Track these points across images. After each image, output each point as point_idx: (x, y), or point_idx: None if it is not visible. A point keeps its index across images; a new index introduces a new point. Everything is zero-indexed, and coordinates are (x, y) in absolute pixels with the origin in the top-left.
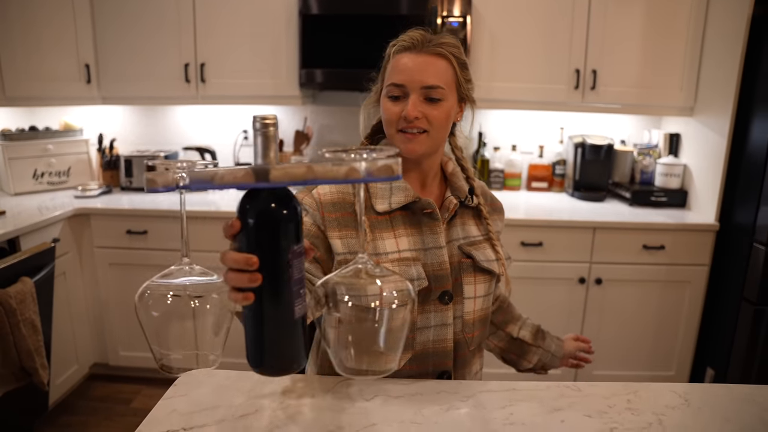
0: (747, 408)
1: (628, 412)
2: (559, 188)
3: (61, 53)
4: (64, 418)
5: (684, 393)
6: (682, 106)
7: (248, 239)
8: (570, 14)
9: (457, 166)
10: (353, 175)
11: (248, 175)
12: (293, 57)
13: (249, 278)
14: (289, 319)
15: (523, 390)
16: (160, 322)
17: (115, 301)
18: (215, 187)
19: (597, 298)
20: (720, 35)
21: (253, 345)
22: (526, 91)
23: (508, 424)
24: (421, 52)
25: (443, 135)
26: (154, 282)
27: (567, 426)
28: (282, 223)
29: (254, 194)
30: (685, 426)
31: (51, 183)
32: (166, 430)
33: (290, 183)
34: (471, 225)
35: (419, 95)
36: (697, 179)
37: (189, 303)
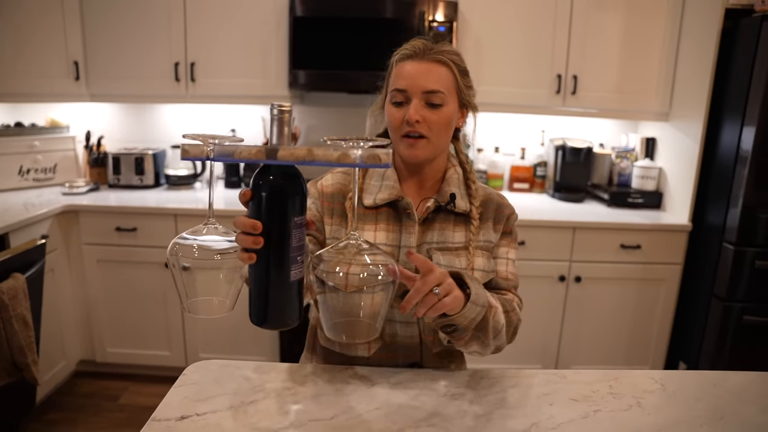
0: (715, 391)
1: (610, 396)
2: (540, 189)
3: (50, 50)
4: (51, 415)
5: (660, 379)
6: (658, 112)
7: (256, 207)
8: (552, 21)
9: (457, 173)
10: (345, 159)
11: (260, 153)
12: (283, 58)
13: (253, 240)
14: (285, 281)
15: (512, 377)
16: (186, 272)
17: (103, 297)
18: (235, 161)
19: (576, 296)
20: (693, 46)
21: (255, 301)
22: (510, 95)
23: (501, 407)
24: (422, 59)
25: (444, 140)
26: (183, 237)
27: (555, 409)
28: (285, 195)
29: (266, 169)
30: (661, 407)
31: (37, 180)
32: (180, 416)
33: (294, 162)
34: (452, 231)
35: (420, 100)
36: (671, 182)
37: (212, 256)
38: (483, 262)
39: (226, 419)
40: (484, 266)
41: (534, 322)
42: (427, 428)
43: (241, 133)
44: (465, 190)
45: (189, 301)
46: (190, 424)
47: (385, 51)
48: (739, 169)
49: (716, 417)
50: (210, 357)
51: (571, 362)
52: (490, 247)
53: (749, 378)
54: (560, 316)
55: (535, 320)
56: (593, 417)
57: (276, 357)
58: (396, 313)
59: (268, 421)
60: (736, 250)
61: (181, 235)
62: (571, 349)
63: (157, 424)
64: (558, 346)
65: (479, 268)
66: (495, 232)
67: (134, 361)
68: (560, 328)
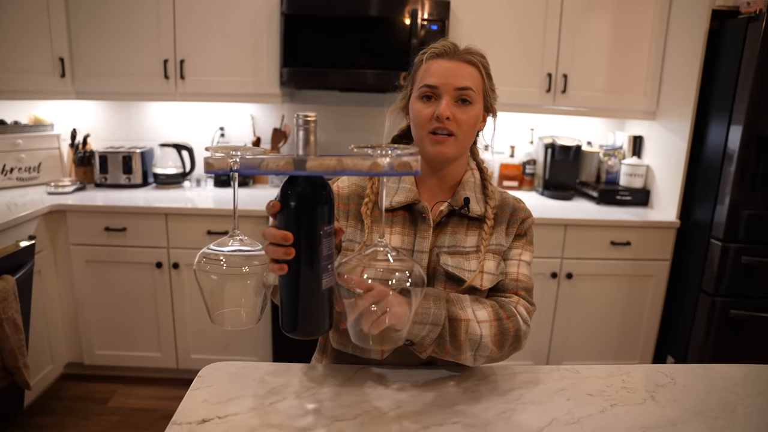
0: (724, 384)
1: (624, 390)
2: (529, 187)
3: (35, 46)
4: (39, 420)
5: (669, 373)
6: (646, 110)
7: (286, 218)
8: (543, 20)
9: (474, 177)
10: (376, 168)
11: (288, 164)
12: (273, 55)
13: (284, 252)
14: (317, 290)
15: (526, 373)
16: (214, 283)
17: (92, 299)
18: (262, 173)
19: (568, 292)
20: (681, 46)
21: (286, 310)
22: (501, 94)
23: (521, 403)
24: (453, 58)
25: (469, 141)
26: (210, 249)
27: (573, 404)
28: (314, 206)
29: (293, 180)
30: (674, 400)
31: (21, 179)
32: (202, 419)
33: (323, 173)
34: (465, 234)
35: (452, 96)
36: (659, 179)
37: (239, 268)
38: (493, 266)
39: (250, 420)
40: (494, 270)
41: None
42: (451, 426)
43: (230, 131)
44: (481, 193)
45: (216, 313)
46: (213, 427)
47: (377, 49)
48: (726, 166)
49: (728, 410)
50: (202, 358)
51: (563, 358)
52: (501, 250)
53: (755, 371)
54: (552, 312)
55: None
56: (610, 411)
57: (269, 357)
58: None
59: (293, 421)
60: (723, 246)
61: (208, 246)
62: (563, 345)
63: (179, 428)
64: (549, 342)
65: (489, 271)
66: (507, 236)
67: (123, 363)
68: (551, 324)
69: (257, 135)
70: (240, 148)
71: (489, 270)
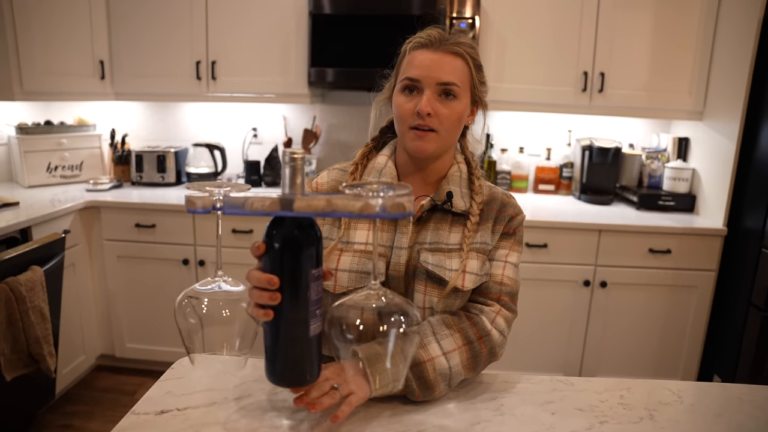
0: (739, 406)
1: (620, 406)
2: (566, 191)
3: (77, 49)
4: (70, 408)
5: (678, 390)
6: (691, 110)
7: (272, 261)
8: (578, 16)
9: (460, 170)
10: (368, 210)
11: (275, 204)
12: (302, 56)
13: (269, 296)
14: (304, 337)
15: (515, 383)
16: (195, 326)
17: (123, 293)
18: (246, 213)
19: (601, 302)
20: (730, 39)
21: (271, 357)
22: (534, 93)
23: (499, 414)
24: (438, 49)
25: (453, 137)
26: (191, 290)
27: (557, 418)
28: (302, 248)
29: (280, 220)
30: (676, 421)
31: (64, 176)
32: (161, 410)
33: (311, 214)
34: (448, 231)
35: (434, 91)
36: (705, 184)
37: (221, 311)
38: (476, 265)
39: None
40: (477, 269)
41: (556, 329)
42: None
43: (263, 132)
44: (467, 188)
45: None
46: (169, 419)
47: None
48: None
49: None
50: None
51: (596, 373)
52: (486, 249)
53: None
54: (584, 323)
55: (558, 327)
56: (598, 429)
57: None
58: None
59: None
60: None
61: (191, 288)
62: (596, 359)
63: (135, 417)
64: (582, 355)
65: (471, 271)
66: (493, 234)
67: (152, 357)
68: (584, 336)
69: (289, 136)
70: (224, 184)
71: (472, 270)
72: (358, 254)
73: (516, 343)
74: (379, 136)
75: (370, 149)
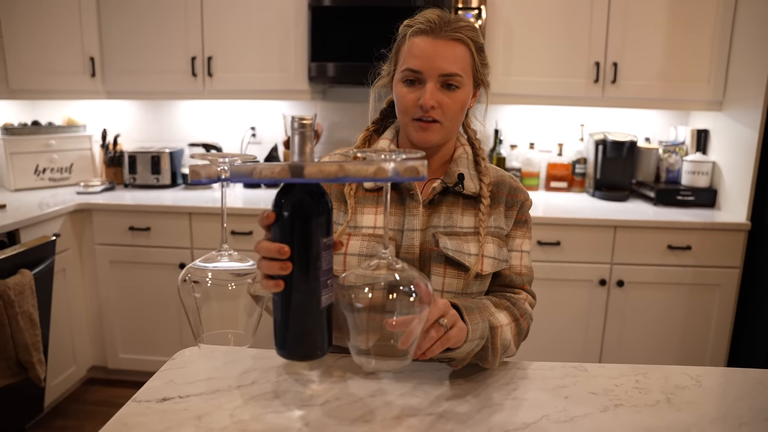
0: (761, 389)
1: (635, 390)
2: (579, 188)
3: (65, 45)
4: (59, 422)
5: (696, 375)
6: (710, 100)
7: (281, 230)
8: (589, 4)
9: (466, 152)
10: (381, 174)
11: (284, 171)
12: (302, 50)
13: (280, 266)
14: (315, 308)
15: (527, 369)
16: (199, 302)
17: (116, 300)
18: (254, 181)
19: (619, 301)
20: (750, 24)
21: (281, 330)
22: (543, 86)
23: (511, 399)
24: (438, 36)
25: (457, 124)
26: (195, 265)
27: (570, 401)
28: (313, 216)
29: (289, 188)
30: (694, 403)
31: (53, 179)
32: (162, 397)
33: (323, 180)
34: (461, 214)
35: (436, 82)
36: (726, 177)
37: (226, 286)
38: (494, 250)
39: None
40: (495, 254)
41: (572, 330)
42: (425, 417)
43: (261, 131)
44: (474, 170)
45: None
46: (171, 406)
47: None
48: None
49: (761, 417)
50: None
51: None
52: (502, 234)
53: None
54: (601, 323)
55: (574, 328)
56: (613, 411)
57: None
58: None
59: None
60: None
61: (193, 263)
62: (613, 361)
63: (137, 405)
64: (599, 356)
65: (490, 255)
66: (507, 219)
67: (148, 368)
68: (601, 337)
69: (288, 134)
70: (228, 155)
71: (489, 254)
72: (366, 238)
73: (529, 345)
74: (380, 119)
75: (371, 133)
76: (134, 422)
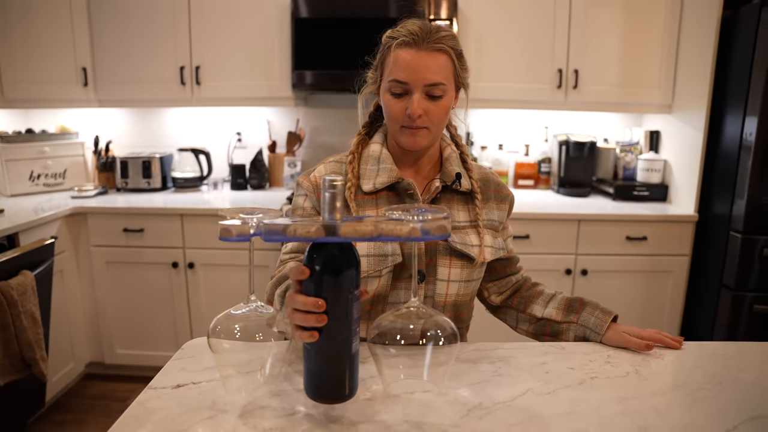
0: (714, 358)
1: (607, 365)
2: (545, 185)
3: (59, 56)
4: (60, 416)
5: (659, 349)
6: (661, 104)
7: (316, 284)
8: (552, 16)
9: (455, 151)
10: (414, 233)
11: (320, 231)
12: (286, 59)
13: (316, 319)
14: (347, 354)
15: (509, 348)
16: (229, 351)
17: (112, 298)
18: (288, 240)
19: (584, 289)
20: (694, 36)
21: (315, 377)
22: (511, 91)
23: (497, 375)
24: (421, 48)
25: (442, 127)
26: (223, 316)
27: (551, 375)
28: (346, 270)
29: (320, 245)
30: (659, 374)
31: (47, 185)
32: (176, 384)
33: (357, 239)
34: (458, 210)
35: (422, 92)
36: (676, 173)
37: (254, 336)
38: (491, 240)
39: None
40: (492, 243)
41: None
42: (421, 394)
43: (247, 136)
44: (462, 167)
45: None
46: (186, 392)
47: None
48: (743, 158)
49: (714, 382)
50: None
51: None
52: (495, 225)
53: (748, 347)
54: None
55: None
56: (590, 383)
57: None
58: (402, 294)
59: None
60: (743, 238)
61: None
62: None
63: (153, 392)
64: None
65: (488, 245)
66: (500, 211)
67: (143, 362)
68: None
69: (273, 139)
70: (254, 210)
71: (488, 244)
72: None
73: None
74: (370, 123)
75: (363, 137)
76: (153, 407)
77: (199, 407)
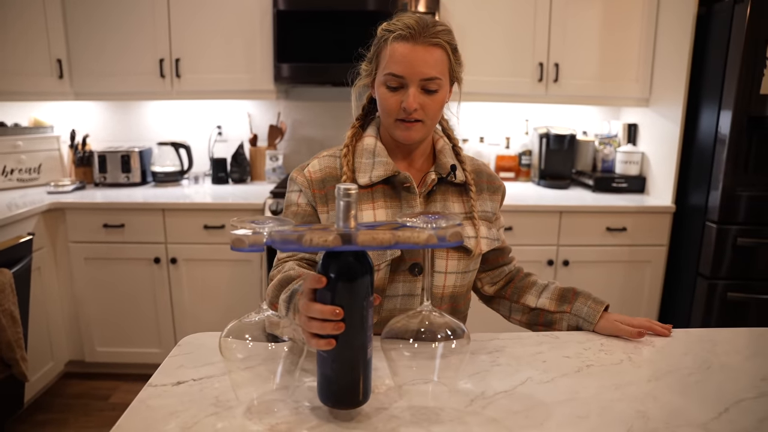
0: (701, 345)
1: (601, 353)
2: (525, 178)
3: (32, 48)
4: (41, 416)
5: (650, 337)
6: (639, 97)
7: (332, 292)
8: (533, 10)
9: (448, 144)
10: (432, 241)
11: (337, 240)
12: (267, 52)
13: (333, 327)
14: (363, 361)
15: (506, 339)
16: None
17: (92, 295)
18: (304, 250)
19: (565, 279)
20: (670, 32)
21: (331, 384)
22: (493, 84)
23: (496, 365)
24: (418, 42)
25: (437, 121)
26: (235, 325)
27: (549, 365)
28: (361, 278)
29: (336, 253)
30: (651, 360)
31: (21, 180)
32: (177, 381)
33: (375, 248)
34: (453, 202)
35: (418, 86)
36: (654, 165)
37: (267, 346)
38: (486, 231)
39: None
40: (487, 234)
41: None
42: (423, 385)
43: (227, 129)
44: (456, 159)
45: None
46: (187, 389)
47: (367, 42)
48: (718, 150)
49: (703, 367)
50: None
51: None
52: (489, 217)
53: (735, 333)
54: None
55: None
56: (586, 371)
57: None
58: (400, 287)
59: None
60: (718, 228)
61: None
62: None
63: (153, 389)
64: None
65: (484, 236)
66: (493, 202)
67: (124, 359)
68: None
69: (254, 132)
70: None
71: (483, 235)
72: None
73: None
74: (363, 116)
75: (357, 129)
76: (156, 404)
77: (203, 404)
